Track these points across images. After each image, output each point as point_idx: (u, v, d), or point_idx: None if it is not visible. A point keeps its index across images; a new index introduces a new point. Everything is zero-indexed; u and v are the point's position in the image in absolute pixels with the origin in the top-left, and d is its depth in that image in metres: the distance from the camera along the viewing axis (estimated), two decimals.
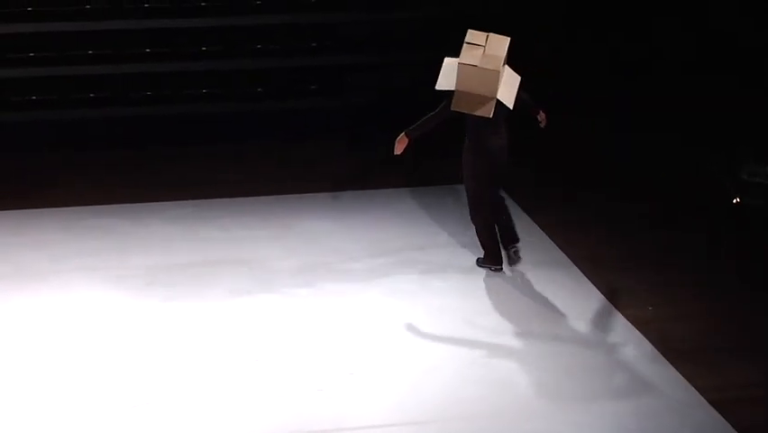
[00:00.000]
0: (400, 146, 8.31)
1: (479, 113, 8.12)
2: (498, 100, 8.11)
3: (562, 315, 7.89)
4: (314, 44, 11.83)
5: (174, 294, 8.17)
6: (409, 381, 7.02)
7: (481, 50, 8.16)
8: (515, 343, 7.48)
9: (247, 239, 9.14)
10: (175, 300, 8.08)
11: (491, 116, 8.10)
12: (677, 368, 7.17)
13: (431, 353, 7.36)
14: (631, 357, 7.32)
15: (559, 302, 8.09)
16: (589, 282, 8.37)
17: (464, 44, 8.13)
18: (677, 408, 6.77)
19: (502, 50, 8.13)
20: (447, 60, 8.29)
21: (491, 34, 8.19)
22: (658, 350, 7.39)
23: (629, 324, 7.74)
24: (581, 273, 8.50)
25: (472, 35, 8.17)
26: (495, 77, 8.04)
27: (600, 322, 7.81)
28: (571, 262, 8.68)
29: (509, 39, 8.18)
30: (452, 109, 8.13)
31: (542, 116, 8.61)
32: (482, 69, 8.02)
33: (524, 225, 9.31)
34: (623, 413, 6.68)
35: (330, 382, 6.99)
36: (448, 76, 8.21)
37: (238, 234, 9.24)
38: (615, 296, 8.15)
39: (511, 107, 8.20)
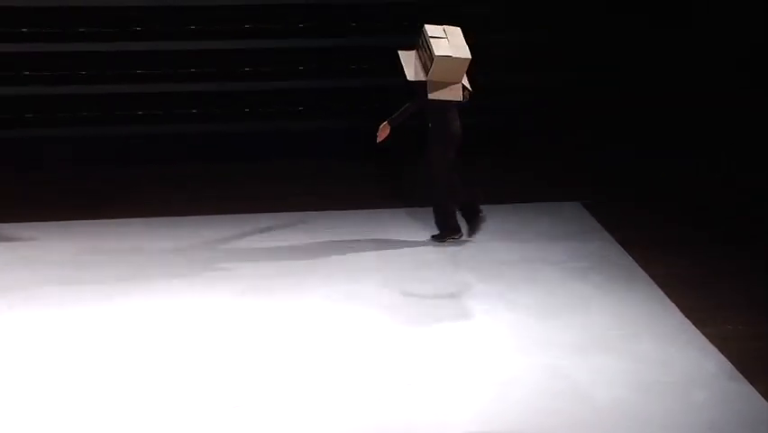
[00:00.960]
0: (383, 134, 8.92)
1: (452, 98, 8.79)
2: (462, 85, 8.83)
3: (640, 331, 7.81)
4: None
5: (267, 301, 8.24)
6: (489, 391, 7.04)
7: (445, 41, 8.73)
8: (593, 358, 7.43)
9: (341, 250, 9.22)
10: (269, 306, 8.15)
11: (462, 100, 8.83)
12: (755, 386, 7.07)
13: (511, 365, 7.38)
14: (709, 375, 7.21)
15: (638, 319, 8.01)
16: (668, 299, 8.28)
17: (430, 38, 8.73)
18: (754, 425, 6.66)
19: (461, 39, 8.81)
20: (403, 53, 8.92)
21: (446, 26, 8.85)
22: (736, 368, 7.28)
23: (708, 342, 7.63)
24: (660, 291, 8.42)
25: (432, 29, 8.84)
26: (466, 64, 8.73)
27: (679, 339, 7.73)
28: (651, 280, 8.59)
29: (460, 28, 8.90)
30: (429, 97, 8.75)
31: None
32: (456, 58, 8.68)
33: (602, 242, 9.34)
34: (699, 430, 6.61)
35: (413, 389, 7.08)
36: (412, 66, 8.84)
37: (325, 245, 9.37)
38: (694, 313, 8.04)
39: (470, 90, 8.87)
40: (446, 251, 9.20)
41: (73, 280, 8.56)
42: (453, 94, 8.78)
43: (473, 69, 8.87)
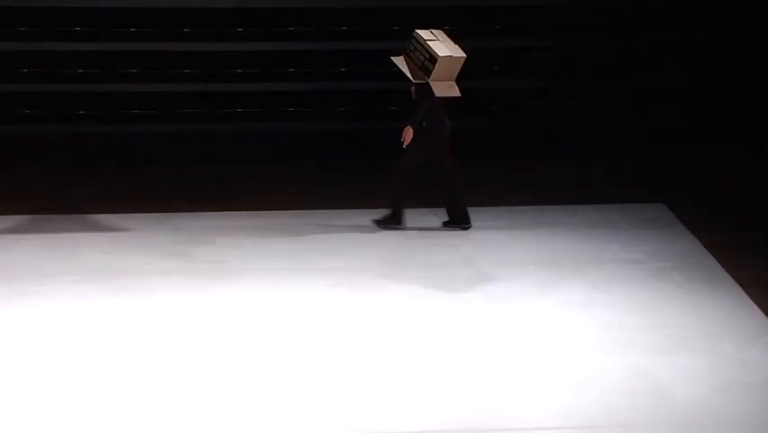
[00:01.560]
0: (408, 137, 9.22)
1: (454, 95, 9.18)
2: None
3: (721, 331, 7.78)
4: (495, 68, 12.04)
5: (357, 295, 8.38)
6: (572, 387, 7.07)
7: (439, 42, 9.18)
8: (676, 358, 7.40)
9: (426, 247, 9.43)
10: (352, 300, 8.30)
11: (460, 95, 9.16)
12: None
13: (594, 362, 7.40)
14: None
15: (719, 319, 7.97)
16: (750, 301, 8.22)
17: (426, 42, 9.11)
18: None
19: (450, 40, 9.21)
20: (396, 59, 9.29)
21: (432, 30, 9.27)
22: None
23: None
24: (743, 292, 8.36)
25: (424, 33, 9.23)
26: (462, 62, 9.13)
27: (760, 340, 7.65)
28: (734, 281, 8.55)
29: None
30: (437, 96, 9.13)
31: None
32: (456, 57, 9.10)
33: (686, 243, 9.33)
34: None
35: (498, 383, 7.16)
36: (409, 70, 9.21)
37: (418, 241, 9.50)
38: None
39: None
40: (529, 250, 9.29)
41: (162, 269, 8.78)
42: (454, 91, 9.16)
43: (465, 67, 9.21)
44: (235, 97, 11.94)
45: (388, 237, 9.52)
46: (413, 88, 9.32)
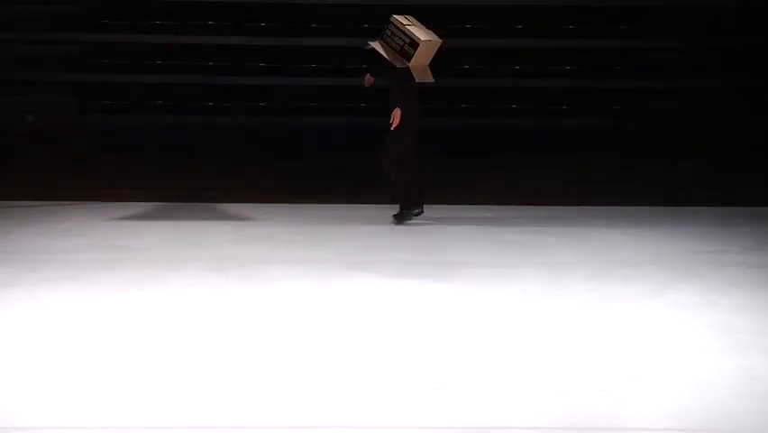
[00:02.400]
0: (398, 119, 9.35)
1: (430, 80, 9.32)
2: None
3: None
4: (618, 67, 11.94)
5: (470, 289, 8.37)
6: (686, 389, 6.92)
7: (416, 27, 9.22)
8: None
9: (545, 245, 9.39)
10: (470, 294, 8.27)
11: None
12: None
13: (709, 365, 7.21)
14: None
15: None
16: None
17: (406, 27, 9.14)
18: None
19: (423, 25, 9.26)
20: (374, 44, 9.33)
21: (407, 16, 9.30)
22: None
23: None
24: None
25: (402, 19, 9.25)
26: (437, 47, 9.21)
27: None
28: None
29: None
30: (417, 81, 9.25)
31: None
32: (434, 42, 9.19)
33: None
34: None
35: (612, 383, 7.11)
36: (388, 55, 9.22)
37: (539, 238, 9.48)
38: None
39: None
40: (647, 250, 9.17)
41: (285, 258, 8.90)
42: (429, 77, 9.31)
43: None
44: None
45: (508, 234, 9.49)
46: (367, 76, 9.41)
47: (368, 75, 9.51)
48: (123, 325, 7.68)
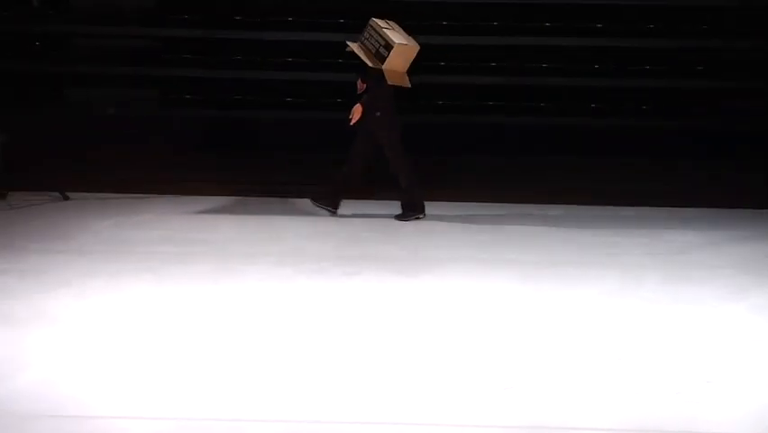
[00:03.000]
0: (357, 115, 9.30)
1: (405, 85, 9.12)
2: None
3: None
4: (699, 68, 11.76)
5: (543, 288, 8.28)
6: (763, 394, 6.86)
7: (394, 31, 9.00)
8: None
9: (617, 245, 9.25)
10: (543, 294, 8.17)
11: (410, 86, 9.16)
12: None
13: None
14: None
15: None
16: None
17: (383, 29, 8.94)
18: None
19: (403, 31, 9.05)
20: (353, 45, 9.18)
21: (389, 20, 9.04)
22: None
23: None
24: None
25: (380, 22, 9.02)
26: (415, 52, 9.05)
27: None
28: None
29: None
30: (389, 84, 9.09)
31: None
32: (410, 47, 9.00)
33: None
34: None
35: (687, 386, 6.98)
36: (365, 56, 9.07)
37: (609, 239, 9.37)
38: None
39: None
40: (724, 253, 8.98)
41: (357, 255, 8.87)
42: (405, 82, 9.12)
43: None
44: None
45: (577, 233, 9.39)
46: (359, 81, 9.31)
47: (359, 80, 9.47)
48: (197, 317, 7.73)
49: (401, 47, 9.00)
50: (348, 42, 9.38)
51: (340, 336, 7.51)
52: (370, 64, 9.20)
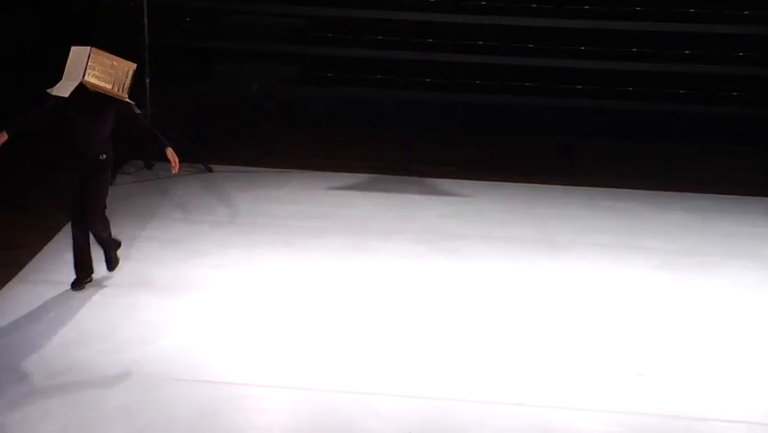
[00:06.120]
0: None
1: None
2: None
3: None
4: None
5: (679, 278, 8.11)
6: None
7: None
8: None
9: (758, 236, 8.92)
10: (678, 284, 8.03)
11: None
12: None
13: None
14: None
15: None
16: None
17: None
18: None
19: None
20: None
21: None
22: None
23: None
24: None
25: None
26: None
27: None
28: None
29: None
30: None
31: None
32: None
33: None
34: None
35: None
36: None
37: (752, 230, 9.03)
38: None
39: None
40: None
41: (491, 235, 8.84)
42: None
43: None
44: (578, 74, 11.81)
45: (723, 223, 9.17)
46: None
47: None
48: (331, 291, 7.83)
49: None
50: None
51: (471, 316, 7.51)
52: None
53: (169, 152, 7.43)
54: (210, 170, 10.14)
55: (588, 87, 11.68)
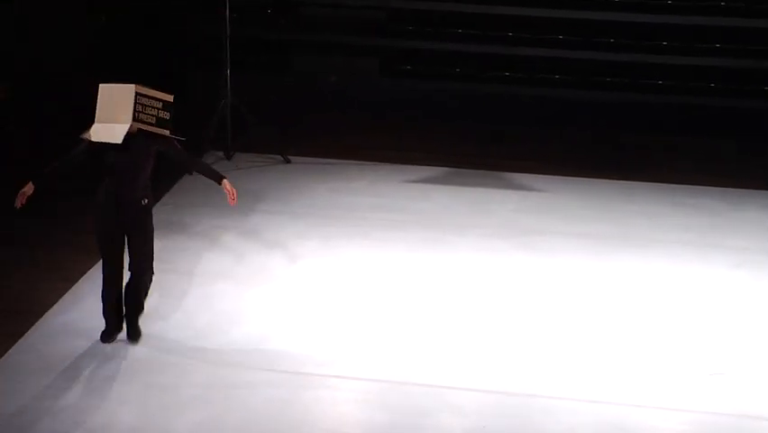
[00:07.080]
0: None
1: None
2: None
3: None
4: None
5: (760, 277, 7.98)
6: None
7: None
8: None
9: None
10: (759, 283, 7.89)
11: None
12: None
13: None
14: None
15: None
16: None
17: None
18: None
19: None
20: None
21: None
22: None
23: None
24: None
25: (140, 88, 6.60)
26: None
27: None
28: None
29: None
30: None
31: None
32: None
33: None
34: None
35: None
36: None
37: None
38: None
39: None
40: None
41: (569, 231, 8.76)
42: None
43: None
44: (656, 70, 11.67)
45: None
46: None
47: None
48: (407, 284, 7.84)
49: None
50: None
51: (550, 312, 7.48)
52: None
53: (226, 184, 6.93)
54: (288, 161, 10.20)
55: (666, 83, 11.54)
